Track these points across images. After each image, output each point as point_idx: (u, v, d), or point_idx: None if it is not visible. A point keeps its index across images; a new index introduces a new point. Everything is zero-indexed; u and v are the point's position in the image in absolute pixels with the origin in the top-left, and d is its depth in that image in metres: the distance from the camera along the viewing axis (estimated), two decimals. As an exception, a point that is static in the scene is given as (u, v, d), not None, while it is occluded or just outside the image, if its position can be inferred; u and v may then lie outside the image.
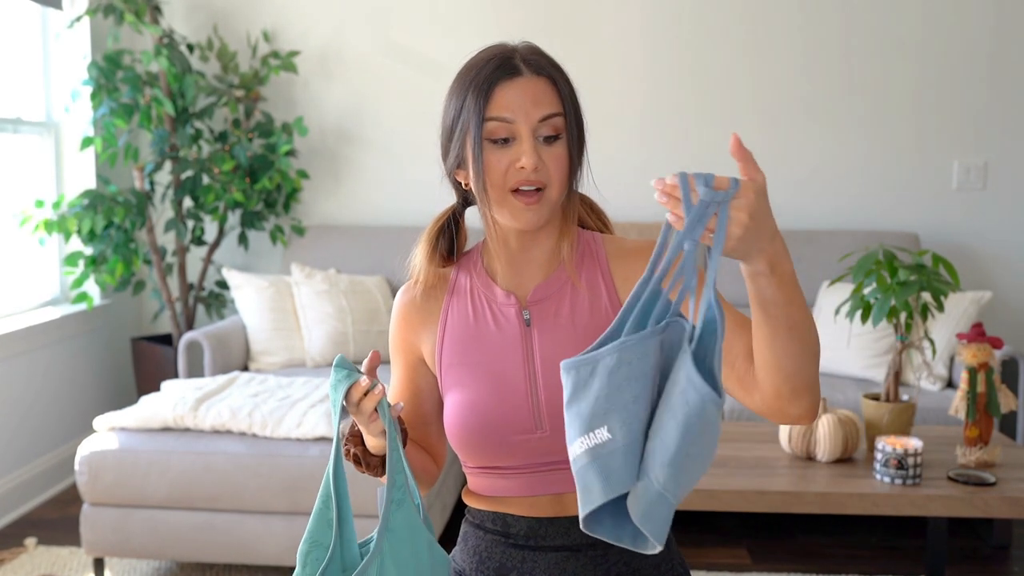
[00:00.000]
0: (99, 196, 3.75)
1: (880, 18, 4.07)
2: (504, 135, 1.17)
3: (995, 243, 4.10)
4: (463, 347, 1.25)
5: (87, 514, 2.83)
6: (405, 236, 4.09)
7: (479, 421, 1.21)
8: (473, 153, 1.17)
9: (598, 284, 1.24)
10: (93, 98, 3.81)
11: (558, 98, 1.18)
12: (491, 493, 1.25)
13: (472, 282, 1.27)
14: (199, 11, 4.30)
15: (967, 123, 4.08)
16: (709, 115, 4.14)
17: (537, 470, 1.21)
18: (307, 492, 2.75)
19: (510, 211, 1.18)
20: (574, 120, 1.20)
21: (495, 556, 1.24)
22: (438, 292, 1.29)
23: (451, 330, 1.26)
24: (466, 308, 1.26)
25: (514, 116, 1.16)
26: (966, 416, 2.48)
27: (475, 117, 1.17)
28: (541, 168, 1.16)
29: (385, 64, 4.25)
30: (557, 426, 1.19)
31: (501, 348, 1.23)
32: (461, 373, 1.24)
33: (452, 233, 1.30)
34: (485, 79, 1.17)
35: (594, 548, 1.22)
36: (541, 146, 1.17)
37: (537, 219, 1.18)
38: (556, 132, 1.18)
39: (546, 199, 1.18)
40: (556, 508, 1.22)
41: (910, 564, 3.08)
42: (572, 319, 1.22)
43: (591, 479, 0.96)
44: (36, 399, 3.71)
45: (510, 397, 1.21)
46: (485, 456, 1.22)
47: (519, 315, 1.24)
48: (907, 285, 2.43)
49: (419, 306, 1.29)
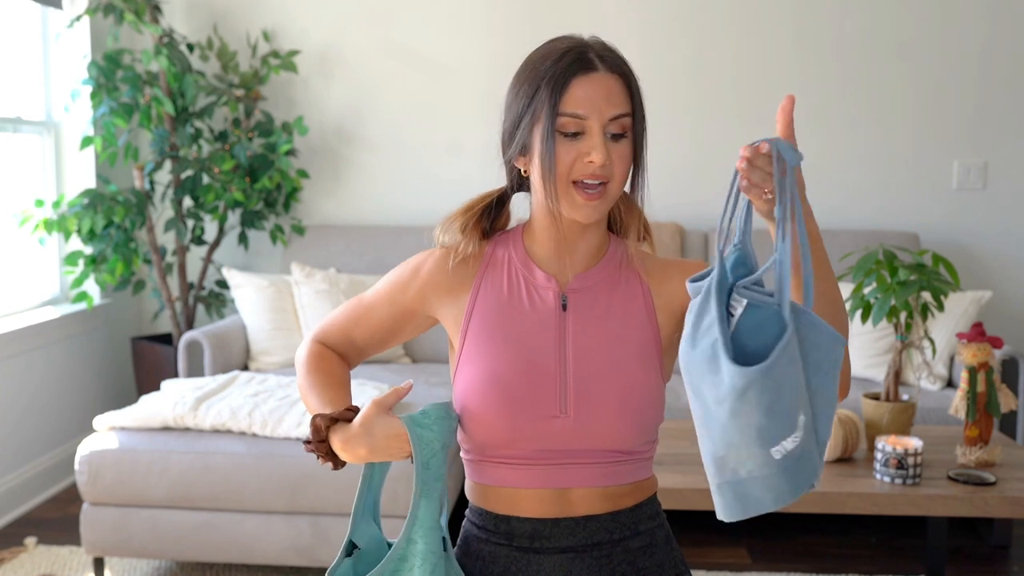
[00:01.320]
0: (99, 196, 3.75)
1: (880, 18, 4.07)
2: (575, 129, 1.18)
3: (995, 243, 4.09)
4: (495, 319, 1.24)
5: (87, 514, 2.83)
6: (405, 236, 4.10)
7: (502, 394, 1.19)
8: (544, 144, 1.18)
9: (636, 290, 1.26)
10: (93, 97, 3.81)
11: (629, 98, 1.20)
12: (498, 484, 1.23)
13: (510, 258, 1.28)
14: (199, 10, 4.29)
15: (967, 123, 4.08)
16: (708, 115, 4.14)
17: (547, 461, 1.20)
18: (306, 492, 2.75)
19: (570, 203, 1.19)
20: (640, 120, 1.22)
21: (499, 560, 1.23)
22: (472, 262, 1.29)
23: (483, 300, 1.26)
24: (501, 282, 1.27)
25: (587, 113, 1.17)
26: (966, 416, 2.48)
27: (548, 109, 1.17)
28: (607, 164, 1.17)
29: (385, 64, 4.25)
30: (580, 414, 1.19)
31: (534, 328, 1.23)
32: (489, 344, 1.23)
33: (493, 214, 1.31)
34: (561, 72, 1.18)
35: (599, 548, 1.22)
36: (609, 143, 1.18)
37: (597, 214, 1.20)
38: (624, 131, 1.19)
39: (608, 195, 1.19)
40: (562, 507, 1.21)
41: (910, 564, 3.08)
42: (607, 315, 1.24)
43: (779, 482, 0.98)
44: (36, 399, 3.70)
45: (538, 376, 1.20)
46: (498, 434, 1.20)
47: (557, 298, 1.25)
48: (907, 285, 2.43)
49: (451, 270, 1.28)
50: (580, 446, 1.20)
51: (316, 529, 2.79)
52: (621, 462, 1.22)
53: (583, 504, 1.21)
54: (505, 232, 1.32)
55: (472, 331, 1.25)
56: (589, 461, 1.20)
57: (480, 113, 4.15)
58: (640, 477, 1.25)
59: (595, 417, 1.19)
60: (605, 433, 1.19)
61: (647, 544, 1.25)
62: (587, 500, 1.21)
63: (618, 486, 1.22)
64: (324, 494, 2.75)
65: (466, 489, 1.29)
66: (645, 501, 1.26)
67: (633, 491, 1.24)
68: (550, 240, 1.26)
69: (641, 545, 1.24)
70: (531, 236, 1.28)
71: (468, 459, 1.26)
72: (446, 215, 1.30)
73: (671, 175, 4.05)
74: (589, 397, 1.19)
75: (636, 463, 1.23)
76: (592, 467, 1.21)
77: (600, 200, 1.19)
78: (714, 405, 0.99)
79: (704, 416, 1.01)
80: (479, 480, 1.26)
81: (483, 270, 1.28)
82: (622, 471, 1.22)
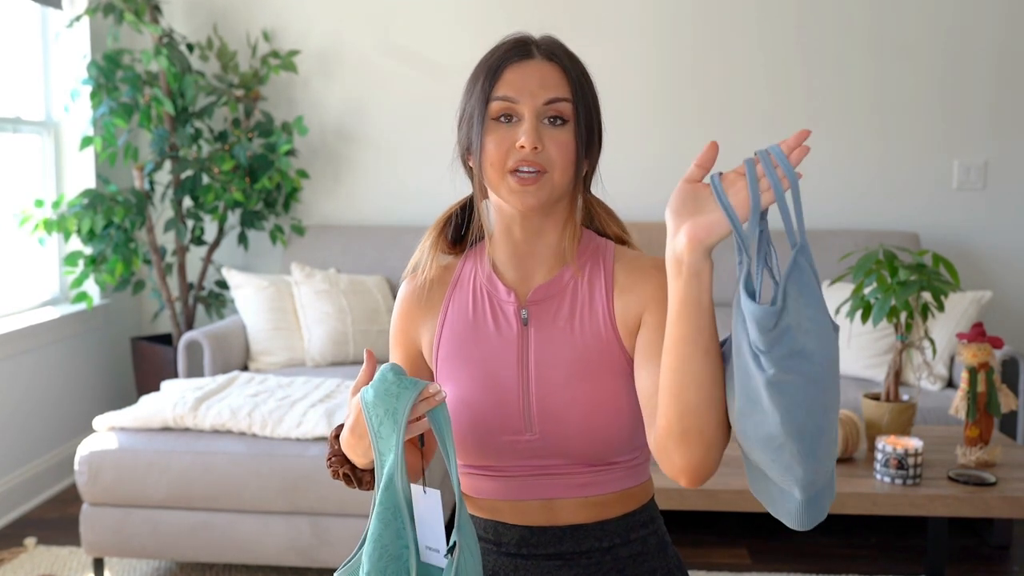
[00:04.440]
0: (99, 196, 3.75)
1: (881, 18, 4.06)
2: (506, 113, 1.15)
3: (995, 243, 4.09)
4: (460, 341, 1.22)
5: (87, 514, 2.83)
6: (405, 236, 4.10)
7: (469, 418, 1.19)
8: (475, 131, 1.16)
9: (599, 292, 1.20)
10: (93, 97, 3.81)
11: (567, 84, 1.16)
12: (481, 495, 1.22)
13: (476, 274, 1.25)
14: (199, 11, 4.29)
15: (967, 123, 4.08)
16: (708, 115, 4.14)
17: (527, 473, 1.19)
18: (306, 492, 2.75)
19: (507, 191, 1.15)
20: (583, 107, 1.16)
21: (488, 564, 1.22)
22: (442, 284, 1.26)
23: (450, 323, 1.24)
24: (467, 301, 1.24)
25: (518, 96, 1.14)
26: (966, 416, 2.48)
27: (481, 95, 1.16)
28: (541, 151, 1.14)
29: (385, 64, 4.25)
30: (547, 430, 1.17)
31: (497, 346, 1.21)
32: (455, 368, 1.22)
33: (460, 223, 1.28)
34: (496, 60, 1.17)
35: (587, 556, 1.20)
36: (545, 129, 1.14)
37: (535, 201, 1.14)
38: (561, 116, 1.15)
39: (546, 182, 1.14)
40: (547, 516, 1.20)
41: (910, 564, 3.08)
42: (571, 322, 1.19)
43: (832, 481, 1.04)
44: (36, 399, 3.70)
45: (501, 396, 1.18)
46: (474, 454, 1.20)
47: (517, 314, 1.21)
48: (907, 285, 2.43)
49: (421, 297, 1.26)
50: (553, 460, 1.18)
51: (316, 529, 2.78)
52: (601, 472, 1.19)
53: (567, 514, 1.19)
54: (477, 245, 1.27)
55: (441, 354, 1.23)
56: (566, 472, 1.18)
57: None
58: (628, 485, 1.21)
59: (559, 434, 1.16)
60: (572, 448, 1.17)
61: (638, 552, 1.22)
62: (570, 510, 1.19)
63: (603, 495, 1.19)
64: (324, 494, 2.75)
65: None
66: (637, 509, 1.22)
67: (621, 499, 1.21)
68: (508, 243, 1.21)
69: (632, 553, 1.21)
70: (494, 244, 1.23)
71: (460, 471, 1.25)
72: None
73: (671, 176, 4.05)
74: (551, 414, 1.17)
75: (621, 471, 1.20)
76: (570, 478, 1.18)
77: (536, 186, 1.13)
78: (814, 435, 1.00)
79: (800, 446, 0.99)
80: (465, 490, 1.25)
81: (451, 290, 1.25)
82: (605, 480, 1.19)
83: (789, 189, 0.94)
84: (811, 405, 0.95)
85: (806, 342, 0.94)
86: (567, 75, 1.16)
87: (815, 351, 0.94)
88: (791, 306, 0.94)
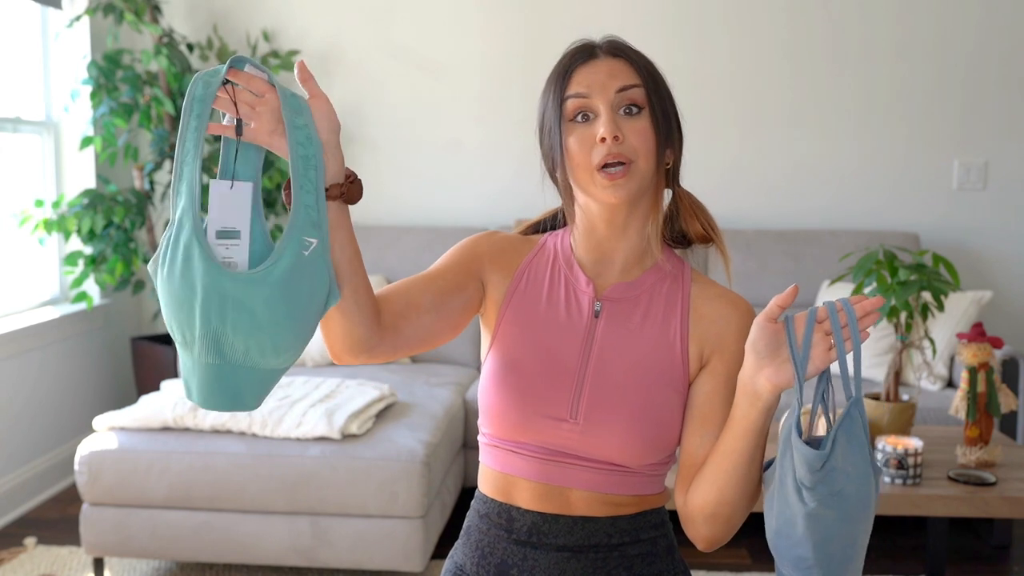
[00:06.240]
0: (99, 196, 3.75)
1: (881, 17, 4.06)
2: (582, 110, 1.17)
3: (995, 243, 4.09)
4: (530, 310, 1.24)
5: (87, 514, 2.83)
6: (405, 236, 4.09)
7: (518, 383, 1.19)
8: (555, 135, 1.18)
9: (675, 313, 1.23)
10: (93, 97, 3.81)
11: (636, 73, 1.18)
12: (504, 469, 1.23)
13: (557, 255, 1.27)
14: (199, 10, 4.29)
15: (967, 123, 4.08)
16: (708, 116, 4.14)
17: (553, 458, 1.20)
18: (306, 492, 2.75)
19: (599, 189, 1.16)
20: (655, 94, 1.18)
21: (497, 552, 1.23)
22: (524, 249, 1.29)
23: (524, 288, 1.26)
24: (543, 276, 1.26)
25: (590, 91, 1.16)
26: (966, 416, 2.48)
27: (555, 101, 1.18)
28: (622, 140, 1.15)
29: (385, 64, 4.25)
30: (590, 422, 1.18)
31: (565, 326, 1.22)
32: (519, 333, 1.23)
33: (547, 229, 1.34)
34: (563, 66, 1.20)
35: (596, 551, 1.21)
36: (622, 119, 1.16)
37: (625, 193, 1.15)
38: (636, 103, 1.17)
39: (634, 172, 1.16)
40: (562, 504, 1.21)
41: (910, 564, 3.08)
42: (640, 330, 1.21)
43: None
44: (36, 399, 3.70)
45: (556, 376, 1.20)
46: (512, 427, 1.20)
47: (591, 304, 1.23)
48: (907, 285, 2.43)
49: (505, 250, 1.28)
50: (582, 452, 1.19)
51: (316, 529, 2.78)
52: (623, 475, 1.20)
53: (582, 505, 1.20)
54: (562, 228, 1.32)
55: (507, 317, 1.24)
56: (592, 466, 1.19)
57: (480, 113, 4.15)
58: (645, 491, 1.23)
59: (603, 429, 1.17)
60: (609, 446, 1.18)
61: (647, 552, 1.23)
62: (586, 502, 1.20)
63: (619, 495, 1.21)
64: (324, 494, 2.75)
65: (478, 475, 1.29)
66: (650, 510, 1.24)
67: (636, 502, 1.22)
68: (591, 240, 1.24)
69: (640, 552, 1.22)
70: (575, 237, 1.27)
71: (483, 441, 1.26)
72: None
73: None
74: (601, 408, 1.18)
75: (642, 478, 1.21)
76: (592, 472, 1.19)
77: (624, 179, 1.15)
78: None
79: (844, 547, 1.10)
80: (487, 462, 1.26)
81: (531, 258, 1.28)
82: (624, 482, 1.20)
83: (851, 351, 1.09)
84: (843, 539, 1.07)
85: (846, 484, 1.06)
86: (634, 66, 1.19)
87: (854, 493, 1.06)
88: (839, 451, 1.06)
